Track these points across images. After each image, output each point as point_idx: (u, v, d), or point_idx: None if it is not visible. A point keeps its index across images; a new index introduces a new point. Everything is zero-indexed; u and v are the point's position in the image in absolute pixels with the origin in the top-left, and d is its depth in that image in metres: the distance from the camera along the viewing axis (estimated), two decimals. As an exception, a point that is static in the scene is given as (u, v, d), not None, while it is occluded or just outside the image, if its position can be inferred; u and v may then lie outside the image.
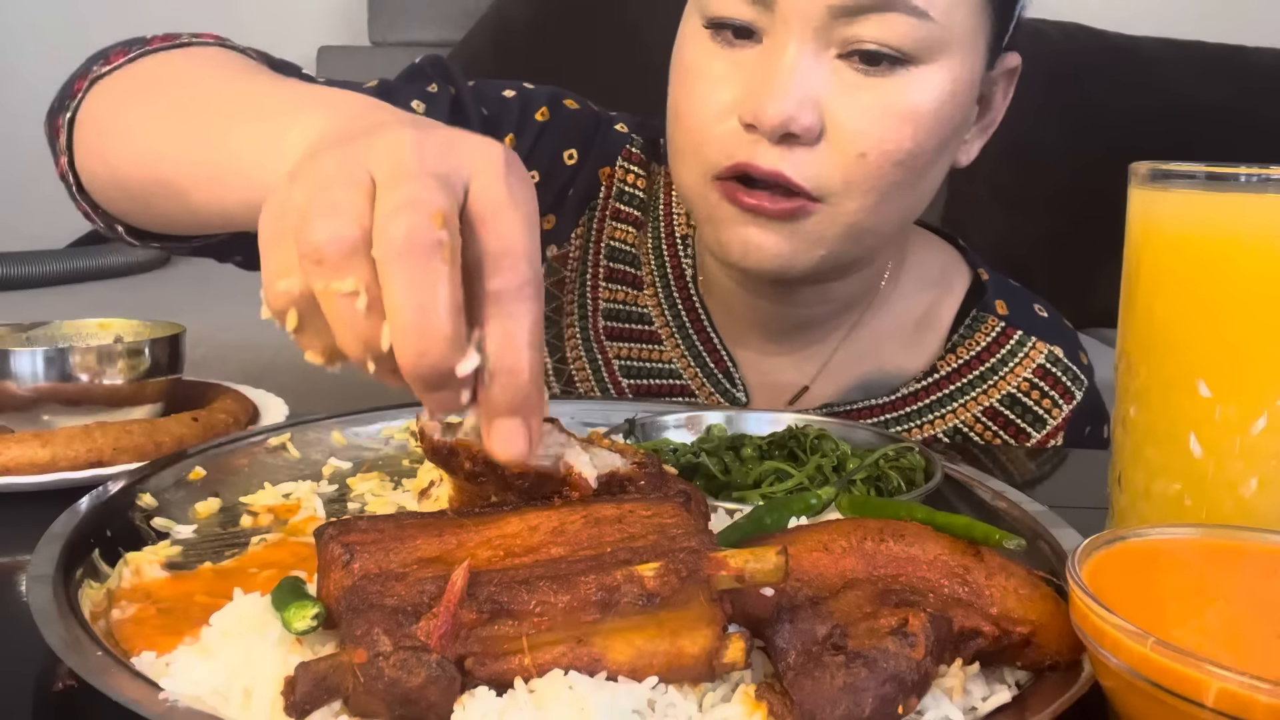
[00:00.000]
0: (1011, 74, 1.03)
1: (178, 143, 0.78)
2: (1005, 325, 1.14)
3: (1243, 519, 0.63)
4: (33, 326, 0.97)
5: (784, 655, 0.50)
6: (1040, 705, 0.51)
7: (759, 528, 0.63)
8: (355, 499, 0.78)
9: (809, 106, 0.89)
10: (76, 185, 0.91)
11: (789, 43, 0.89)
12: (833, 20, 0.88)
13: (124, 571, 0.64)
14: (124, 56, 0.90)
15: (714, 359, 1.13)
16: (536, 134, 1.11)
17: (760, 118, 0.89)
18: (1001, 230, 2.42)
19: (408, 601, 0.49)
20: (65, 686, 0.54)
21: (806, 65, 0.89)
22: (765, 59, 0.90)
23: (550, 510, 0.57)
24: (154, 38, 0.93)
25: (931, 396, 1.12)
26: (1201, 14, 2.68)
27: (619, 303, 1.15)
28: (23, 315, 1.00)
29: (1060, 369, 1.14)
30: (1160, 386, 0.66)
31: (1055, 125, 2.42)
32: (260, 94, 0.76)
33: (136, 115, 0.84)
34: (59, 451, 0.81)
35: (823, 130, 0.90)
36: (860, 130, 0.90)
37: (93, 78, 0.89)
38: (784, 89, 0.88)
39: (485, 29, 2.54)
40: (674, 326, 1.14)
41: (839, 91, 0.90)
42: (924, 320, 1.15)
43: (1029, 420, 1.13)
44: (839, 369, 1.12)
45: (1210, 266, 0.64)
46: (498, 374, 0.50)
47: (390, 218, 0.48)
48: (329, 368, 0.55)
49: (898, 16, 0.88)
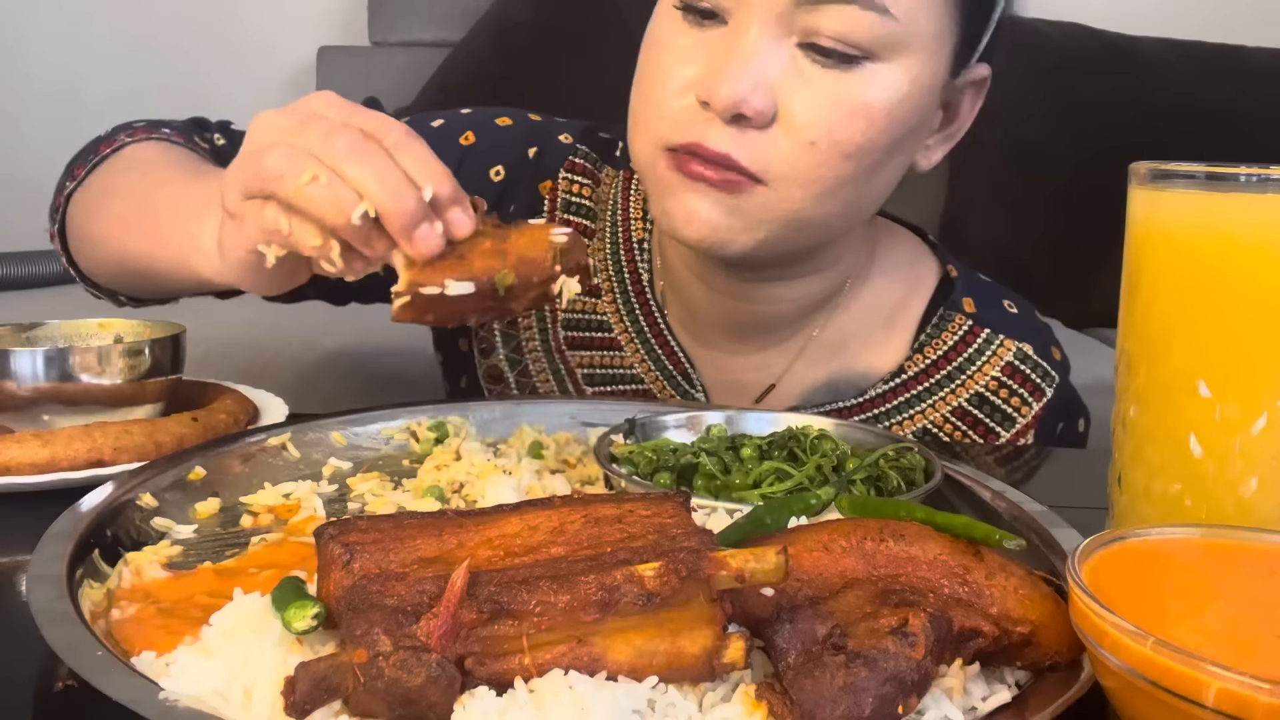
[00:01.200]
0: (980, 85, 1.03)
1: (136, 242, 0.95)
2: (973, 323, 1.14)
3: (1243, 519, 0.63)
4: (33, 326, 0.97)
5: (784, 655, 0.50)
6: (1040, 705, 0.51)
7: (759, 528, 0.63)
8: (355, 499, 0.78)
9: (763, 90, 0.90)
10: (79, 275, 1.10)
11: (751, 26, 0.90)
12: (795, 7, 0.89)
13: (124, 571, 0.64)
14: (84, 169, 1.07)
15: (672, 361, 1.14)
16: (460, 157, 1.14)
17: (714, 97, 0.90)
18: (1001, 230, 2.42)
19: (408, 601, 0.49)
20: (65, 686, 0.54)
21: (766, 50, 0.90)
22: (727, 40, 0.91)
23: (550, 510, 0.57)
24: (102, 144, 1.08)
25: (899, 397, 1.12)
26: (1201, 14, 2.68)
27: (577, 312, 1.16)
28: (23, 315, 1.00)
29: (1029, 366, 1.13)
30: (1160, 386, 0.66)
31: (1055, 125, 2.42)
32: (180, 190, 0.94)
33: (102, 223, 1.02)
34: (59, 451, 0.81)
35: (775, 115, 0.91)
36: (811, 119, 0.91)
37: (67, 193, 1.07)
38: (740, 71, 0.89)
39: (485, 29, 2.54)
40: (633, 331, 1.15)
41: (795, 79, 0.91)
42: (891, 318, 1.15)
43: (998, 419, 1.12)
44: (804, 368, 1.12)
45: (1210, 266, 0.64)
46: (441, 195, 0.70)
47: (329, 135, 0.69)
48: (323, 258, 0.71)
49: (859, 10, 0.88)
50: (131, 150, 1.06)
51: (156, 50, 2.91)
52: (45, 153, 0.96)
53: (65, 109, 2.93)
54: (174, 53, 2.91)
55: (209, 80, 2.91)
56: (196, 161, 1.05)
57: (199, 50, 2.91)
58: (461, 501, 0.77)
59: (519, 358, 1.16)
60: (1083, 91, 2.44)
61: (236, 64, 2.91)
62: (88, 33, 2.92)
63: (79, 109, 2.92)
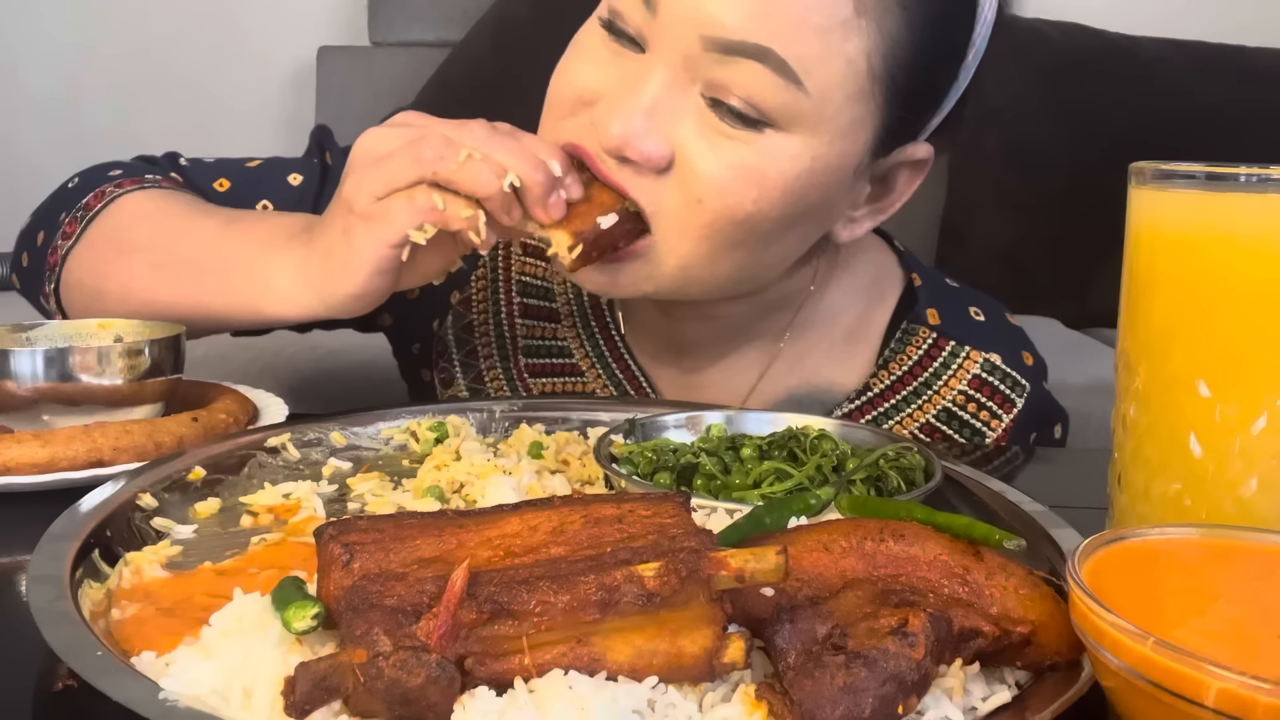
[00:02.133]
0: (918, 165, 0.98)
1: (178, 295, 0.97)
2: (937, 336, 1.11)
3: (1243, 519, 0.63)
4: (33, 326, 0.97)
5: (784, 655, 0.50)
6: (1040, 705, 0.51)
7: (759, 528, 0.63)
8: (355, 499, 0.78)
9: (655, 137, 0.86)
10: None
11: (659, 66, 0.87)
12: (704, 53, 0.85)
13: (124, 571, 0.64)
14: (76, 225, 1.04)
15: (631, 383, 1.11)
16: None
17: (602, 132, 0.87)
18: (1001, 230, 2.42)
19: (408, 601, 0.49)
20: (65, 686, 0.54)
21: (668, 95, 0.87)
22: (636, 72, 0.88)
23: (550, 510, 0.57)
24: (88, 198, 1.05)
25: (866, 416, 1.09)
26: (1201, 14, 2.68)
27: (538, 339, 1.14)
28: (23, 315, 1.00)
29: (998, 377, 1.10)
30: (1160, 386, 0.66)
31: (1055, 125, 2.42)
32: (221, 242, 0.97)
33: (125, 278, 1.00)
34: (59, 451, 0.81)
35: (671, 164, 0.88)
36: (704, 175, 0.87)
37: (63, 252, 1.04)
38: (634, 110, 0.86)
39: (485, 29, 2.54)
40: (594, 357, 1.12)
41: (694, 132, 0.87)
42: (854, 332, 1.12)
43: (967, 435, 1.09)
44: (768, 387, 1.10)
45: (1210, 266, 0.64)
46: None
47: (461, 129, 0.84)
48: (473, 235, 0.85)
49: (768, 72, 0.84)
50: (128, 201, 1.04)
51: (156, 50, 2.91)
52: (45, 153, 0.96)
53: (65, 109, 2.93)
54: (173, 52, 2.91)
55: (209, 80, 2.92)
56: (205, 205, 1.06)
57: (199, 50, 2.91)
58: (461, 501, 0.77)
59: (480, 385, 1.14)
60: (1083, 91, 2.44)
61: (236, 64, 2.91)
62: (86, 33, 2.92)
63: (79, 109, 2.93)
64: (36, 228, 1.09)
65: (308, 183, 1.13)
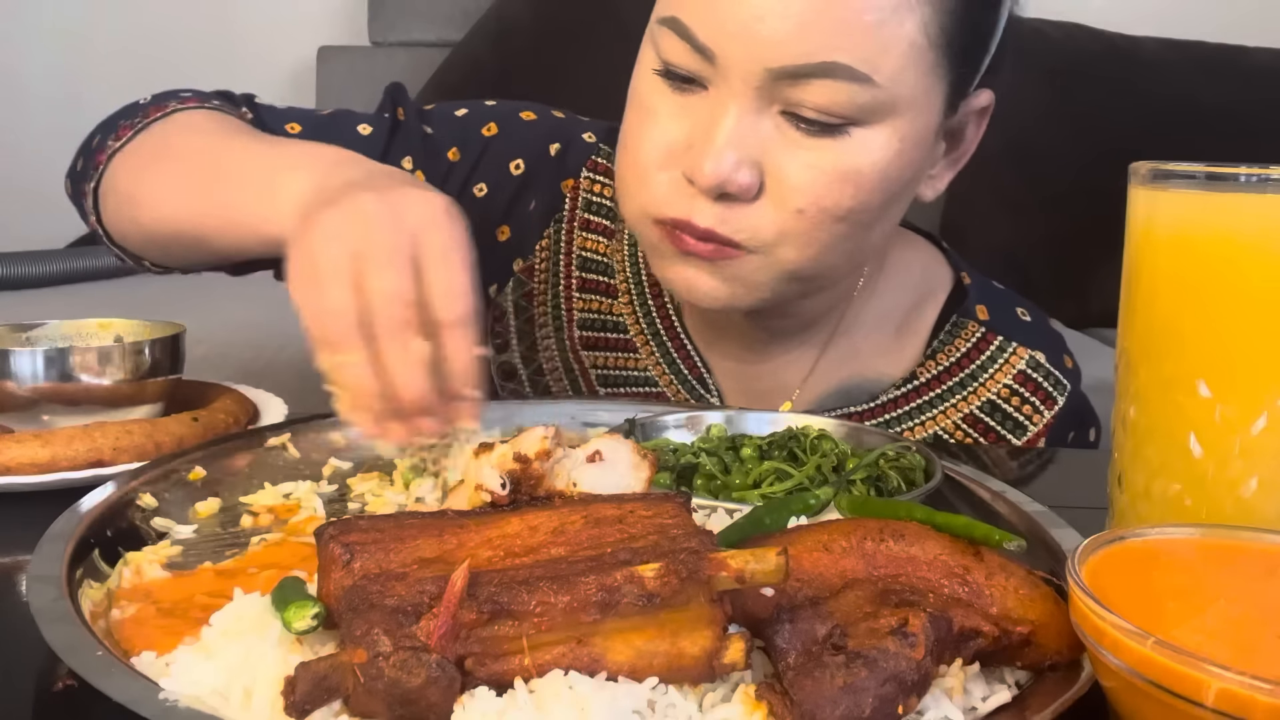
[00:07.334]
0: (984, 111, 1.01)
1: (192, 203, 0.95)
2: (986, 330, 1.13)
3: (1243, 519, 0.63)
4: (33, 326, 0.97)
5: (784, 655, 0.50)
6: (1040, 705, 0.51)
7: (759, 528, 0.63)
8: (355, 499, 0.78)
9: (746, 166, 0.88)
10: (107, 237, 1.08)
11: (730, 101, 0.88)
12: (774, 81, 0.87)
13: (124, 571, 0.64)
14: (130, 130, 1.04)
15: (688, 366, 1.13)
16: (482, 148, 1.14)
17: (697, 176, 0.88)
18: (1001, 230, 2.41)
19: (408, 601, 0.49)
20: (65, 686, 0.54)
21: (747, 124, 0.88)
22: (709, 110, 0.89)
23: (550, 510, 0.57)
24: (150, 108, 1.06)
25: (911, 403, 1.11)
26: (1201, 14, 2.68)
27: (594, 312, 1.15)
28: (23, 315, 1.00)
29: (1042, 374, 1.13)
30: (1160, 386, 0.66)
31: (1055, 125, 2.42)
32: (249, 155, 0.94)
33: (155, 183, 1.00)
34: (59, 451, 0.81)
35: (762, 187, 0.89)
36: (798, 187, 0.89)
37: (110, 152, 1.04)
38: (721, 149, 0.87)
39: (485, 29, 2.53)
40: (649, 334, 1.14)
41: (780, 148, 0.89)
42: (904, 326, 1.14)
43: (1009, 427, 1.12)
44: (819, 377, 1.12)
45: (1210, 266, 0.64)
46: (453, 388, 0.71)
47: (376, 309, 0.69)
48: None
49: (840, 82, 0.86)
50: (185, 117, 1.04)
51: (156, 50, 2.91)
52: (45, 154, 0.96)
53: (65, 108, 2.93)
54: (174, 52, 2.91)
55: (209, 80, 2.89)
56: (258, 132, 1.04)
57: (199, 49, 2.91)
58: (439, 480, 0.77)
59: (533, 355, 1.16)
60: (1083, 92, 2.44)
61: (236, 63, 2.91)
62: (87, 32, 2.92)
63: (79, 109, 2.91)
64: (96, 133, 1.10)
65: (377, 134, 1.13)
